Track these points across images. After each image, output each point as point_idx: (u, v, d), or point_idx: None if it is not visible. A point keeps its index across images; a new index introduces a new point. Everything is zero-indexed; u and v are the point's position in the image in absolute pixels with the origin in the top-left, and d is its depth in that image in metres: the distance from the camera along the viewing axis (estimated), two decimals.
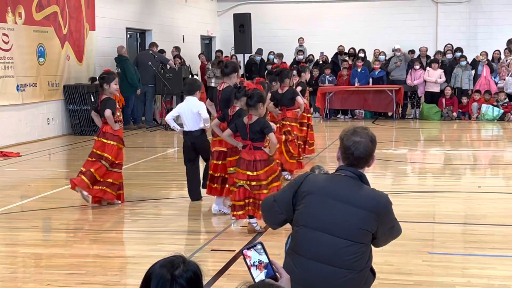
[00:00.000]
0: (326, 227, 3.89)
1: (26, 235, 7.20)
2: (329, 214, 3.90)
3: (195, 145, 8.53)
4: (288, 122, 10.17)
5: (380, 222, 3.95)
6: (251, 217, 7.04)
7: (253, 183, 6.97)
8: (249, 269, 2.56)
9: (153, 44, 18.57)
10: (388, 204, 4.01)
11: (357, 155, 3.98)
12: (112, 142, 8.39)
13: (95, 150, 8.45)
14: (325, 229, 3.89)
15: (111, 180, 8.38)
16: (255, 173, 6.96)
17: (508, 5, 22.84)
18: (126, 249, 6.75)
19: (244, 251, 2.58)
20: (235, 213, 7.13)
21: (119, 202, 8.52)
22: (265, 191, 6.92)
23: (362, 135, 4.00)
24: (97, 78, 8.58)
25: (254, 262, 2.57)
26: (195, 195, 8.66)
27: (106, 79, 8.34)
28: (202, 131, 8.52)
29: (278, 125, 9.88)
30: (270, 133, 6.96)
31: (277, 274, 2.59)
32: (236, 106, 7.52)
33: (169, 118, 8.56)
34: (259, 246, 2.60)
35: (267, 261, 2.58)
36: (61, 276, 5.77)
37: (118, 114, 8.47)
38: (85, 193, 8.40)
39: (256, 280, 2.52)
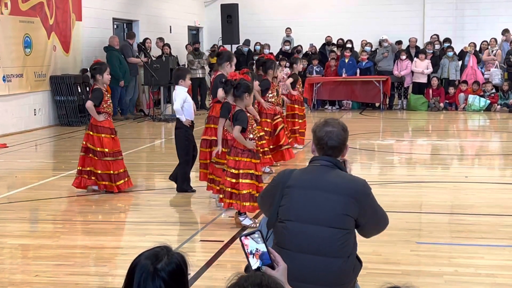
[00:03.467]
0: (309, 217, 3.91)
1: (14, 226, 7.18)
2: (310, 205, 3.93)
3: (174, 131, 8.73)
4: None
5: (361, 207, 3.95)
6: (239, 213, 7.03)
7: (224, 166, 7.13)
8: (247, 257, 2.57)
9: (130, 35, 18.44)
10: (366, 188, 4.01)
11: (331, 144, 4.03)
12: (99, 135, 8.52)
13: (85, 143, 8.61)
14: (308, 220, 3.91)
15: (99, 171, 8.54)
16: (227, 156, 7.06)
17: None
18: (115, 240, 6.74)
19: (242, 239, 2.59)
20: (221, 197, 7.12)
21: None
22: (228, 179, 6.94)
23: (334, 125, 4.07)
24: (89, 69, 8.63)
25: (251, 251, 2.57)
26: (177, 187, 8.75)
27: (98, 70, 8.46)
28: (181, 123, 8.53)
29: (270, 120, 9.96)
30: (236, 126, 6.89)
31: (274, 263, 2.60)
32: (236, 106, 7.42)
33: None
34: (256, 235, 2.61)
35: (265, 249, 2.59)
36: (49, 267, 5.76)
37: (105, 105, 8.54)
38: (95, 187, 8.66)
39: (253, 268, 2.54)
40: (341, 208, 3.89)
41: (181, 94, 8.46)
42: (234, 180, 6.94)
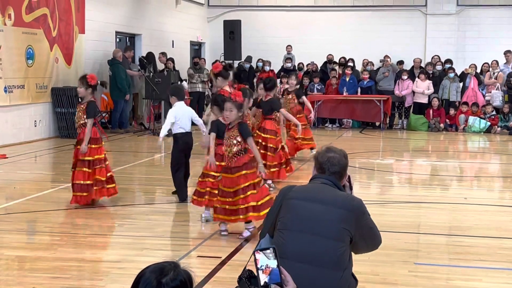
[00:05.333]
0: (308, 228, 4.01)
1: (11, 238, 7.15)
2: (309, 216, 4.04)
3: (189, 145, 9.01)
4: (262, 134, 10.20)
5: (358, 222, 4.07)
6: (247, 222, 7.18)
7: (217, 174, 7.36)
8: (257, 271, 2.57)
9: (127, 49, 18.52)
10: (363, 204, 4.16)
11: (332, 170, 4.19)
12: (90, 146, 8.58)
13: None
14: (307, 230, 4.01)
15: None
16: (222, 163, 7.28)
17: (496, 18, 23.01)
18: (112, 253, 6.71)
19: (255, 252, 2.60)
20: (194, 197, 7.69)
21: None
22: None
23: (336, 151, 4.24)
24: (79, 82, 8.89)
25: (261, 266, 2.57)
26: (184, 195, 8.95)
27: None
28: (176, 135, 8.99)
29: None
30: (247, 137, 7.14)
31: (283, 282, 2.60)
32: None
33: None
34: (268, 251, 2.61)
35: (275, 266, 2.59)
36: (45, 279, 5.73)
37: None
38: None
39: (261, 285, 2.54)
40: (340, 221, 4.00)
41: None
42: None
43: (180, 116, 8.83)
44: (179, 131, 8.88)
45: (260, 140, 10.07)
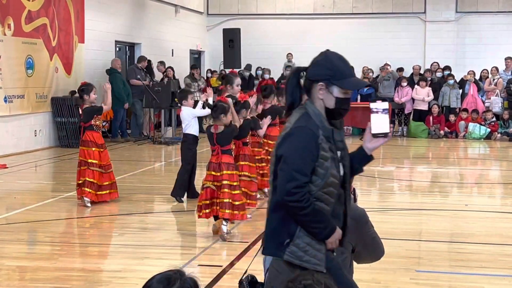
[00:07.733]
0: None
1: (11, 248, 7.14)
2: None
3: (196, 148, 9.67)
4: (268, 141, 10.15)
5: (360, 231, 4.07)
6: (221, 219, 7.41)
7: (218, 183, 7.40)
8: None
9: (141, 59, 18.58)
10: (366, 214, 4.17)
11: None
12: (93, 149, 9.23)
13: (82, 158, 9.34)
14: None
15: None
16: (218, 174, 7.40)
17: (495, 24, 23.04)
18: (113, 263, 6.70)
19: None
20: (200, 213, 7.48)
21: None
22: (226, 190, 7.34)
23: None
24: (77, 90, 9.56)
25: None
26: (181, 193, 9.44)
27: (86, 91, 9.16)
28: (187, 137, 9.51)
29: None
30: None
31: None
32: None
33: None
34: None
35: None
36: None
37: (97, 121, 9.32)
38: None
39: None
40: None
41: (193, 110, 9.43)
42: (227, 190, 7.43)
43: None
44: (193, 132, 9.37)
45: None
